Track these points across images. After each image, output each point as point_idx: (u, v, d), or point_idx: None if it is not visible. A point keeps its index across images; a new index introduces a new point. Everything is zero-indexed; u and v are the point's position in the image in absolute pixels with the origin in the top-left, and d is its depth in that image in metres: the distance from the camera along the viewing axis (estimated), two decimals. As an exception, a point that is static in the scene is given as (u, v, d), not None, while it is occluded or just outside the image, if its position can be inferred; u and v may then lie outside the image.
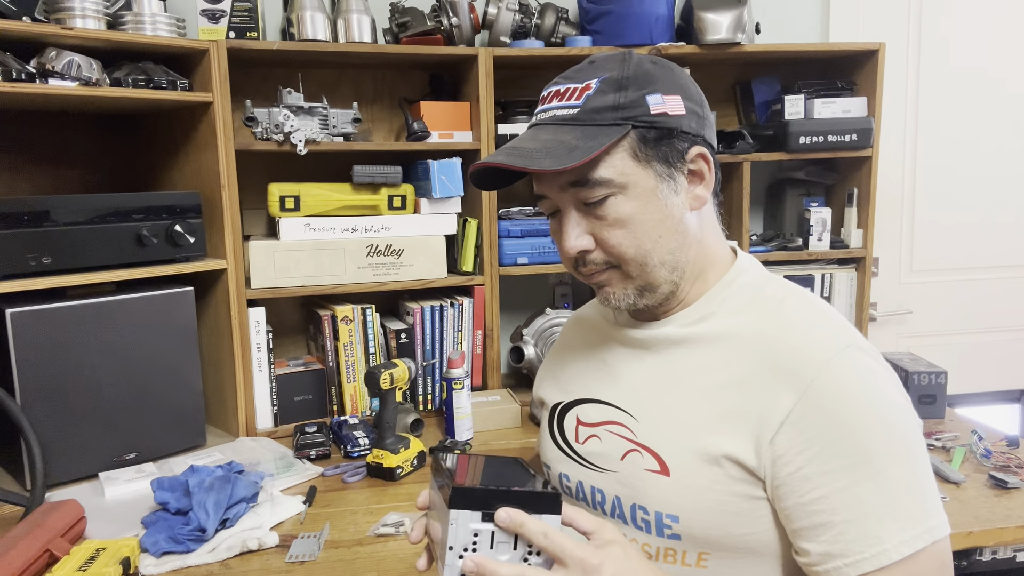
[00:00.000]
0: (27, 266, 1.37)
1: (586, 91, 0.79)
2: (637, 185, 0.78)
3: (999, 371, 2.45)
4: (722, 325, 0.81)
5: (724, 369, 0.78)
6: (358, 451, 1.59)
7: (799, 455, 0.71)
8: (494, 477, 0.67)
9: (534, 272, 1.89)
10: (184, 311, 1.59)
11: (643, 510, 0.80)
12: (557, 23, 1.91)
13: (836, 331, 0.77)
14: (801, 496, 0.71)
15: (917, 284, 2.39)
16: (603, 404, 0.88)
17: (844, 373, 0.72)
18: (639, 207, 0.78)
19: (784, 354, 0.75)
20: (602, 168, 0.77)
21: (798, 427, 0.72)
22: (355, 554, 1.21)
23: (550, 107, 0.82)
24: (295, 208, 1.71)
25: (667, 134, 0.79)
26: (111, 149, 1.83)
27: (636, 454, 0.82)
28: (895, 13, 2.27)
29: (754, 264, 0.87)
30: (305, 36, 1.69)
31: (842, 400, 0.71)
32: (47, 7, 1.47)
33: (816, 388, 0.72)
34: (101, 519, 1.30)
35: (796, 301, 0.81)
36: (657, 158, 0.79)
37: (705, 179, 0.83)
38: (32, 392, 1.39)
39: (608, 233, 0.79)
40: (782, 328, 0.78)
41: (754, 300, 0.82)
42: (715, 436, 0.76)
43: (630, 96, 0.78)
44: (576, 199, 0.79)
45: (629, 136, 0.77)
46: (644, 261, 0.79)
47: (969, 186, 2.37)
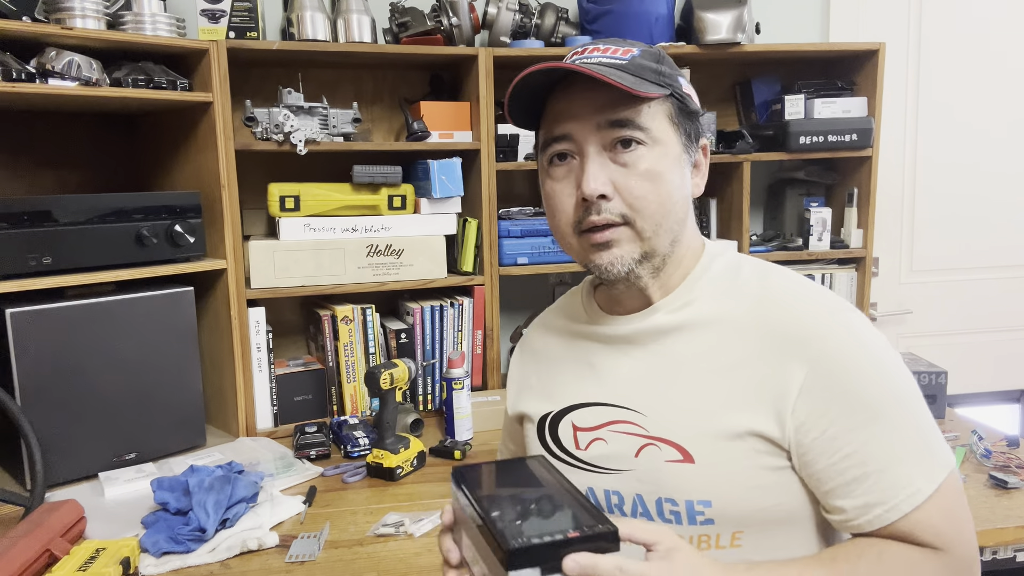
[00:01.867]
0: (27, 266, 1.37)
1: (630, 52, 0.80)
2: (668, 146, 0.79)
3: (999, 371, 2.45)
4: (709, 309, 0.82)
5: (725, 351, 0.79)
6: (358, 451, 1.59)
7: (821, 418, 0.74)
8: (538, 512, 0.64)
9: (534, 272, 1.89)
10: (184, 311, 1.59)
11: (671, 502, 0.79)
12: (557, 23, 1.91)
13: (825, 299, 0.80)
14: (831, 456, 0.74)
15: (917, 284, 2.39)
16: (600, 406, 0.86)
17: (844, 337, 0.77)
18: (667, 166, 0.79)
19: (785, 327, 0.78)
20: (645, 116, 0.78)
21: (814, 394, 0.75)
22: (355, 554, 1.21)
23: (592, 56, 0.80)
24: (295, 208, 1.71)
25: (693, 114, 0.83)
26: (111, 149, 1.83)
27: (652, 448, 0.81)
28: (895, 13, 2.27)
29: (725, 247, 0.89)
30: (305, 36, 1.69)
31: (849, 362, 0.75)
32: (47, 7, 1.47)
33: (823, 355, 0.75)
34: (101, 519, 1.30)
35: (778, 275, 0.84)
36: (684, 131, 0.82)
37: (701, 170, 0.86)
38: (32, 392, 1.39)
39: (635, 183, 0.78)
40: (775, 304, 0.80)
41: (735, 282, 0.83)
42: (734, 415, 0.77)
43: (667, 70, 0.81)
44: (606, 141, 0.78)
45: (669, 100, 0.80)
46: (660, 221, 0.79)
47: (969, 186, 2.37)
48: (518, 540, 0.59)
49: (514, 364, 1.03)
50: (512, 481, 0.72)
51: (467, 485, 0.69)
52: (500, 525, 0.62)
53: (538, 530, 0.61)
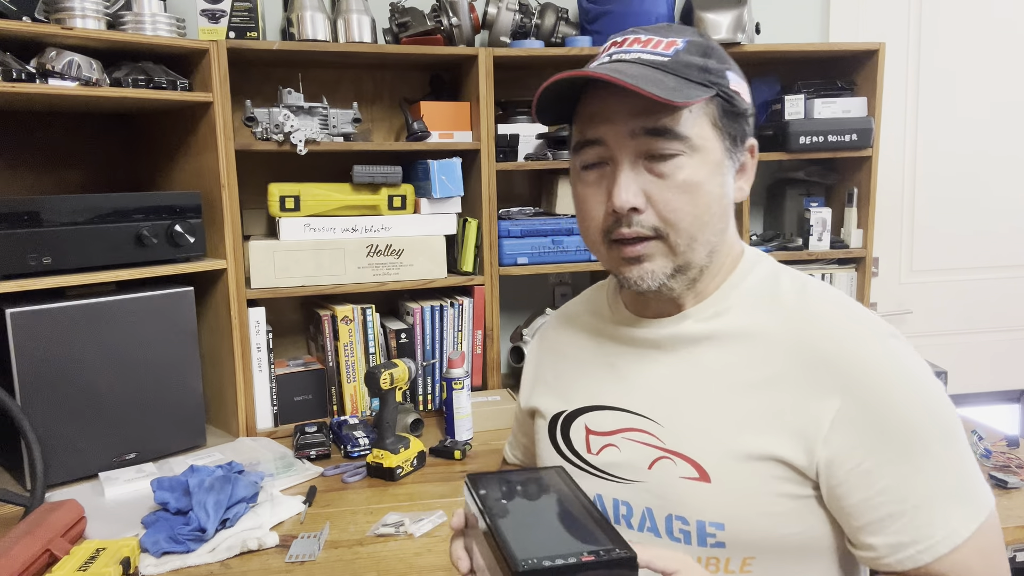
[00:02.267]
0: (27, 266, 1.37)
1: (674, 45, 0.74)
2: (709, 153, 0.73)
3: (999, 371, 2.45)
4: (743, 320, 0.77)
5: (756, 367, 0.74)
6: (358, 451, 1.59)
7: (855, 450, 0.69)
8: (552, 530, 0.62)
9: (534, 272, 1.89)
10: (184, 311, 1.59)
11: (681, 520, 0.75)
12: (557, 23, 1.91)
13: (866, 322, 0.74)
14: (866, 490, 0.69)
15: (917, 284, 2.39)
16: (616, 411, 0.82)
17: (886, 364, 0.71)
18: (706, 176, 0.73)
19: (821, 350, 0.72)
20: (685, 123, 0.71)
21: (850, 425, 0.70)
22: (355, 554, 1.21)
23: (632, 50, 0.74)
24: (295, 208, 1.71)
25: (741, 115, 0.76)
26: (111, 149, 1.83)
27: (667, 462, 0.76)
28: (895, 13, 2.27)
29: (763, 256, 0.83)
30: (305, 36, 1.69)
31: (889, 392, 0.70)
32: (47, 7, 1.47)
33: (862, 383, 0.70)
34: (101, 519, 1.30)
35: (816, 292, 0.78)
36: (729, 135, 0.75)
37: (747, 173, 0.80)
38: (32, 392, 1.39)
39: (671, 195, 0.72)
40: (813, 321, 0.74)
41: (772, 294, 0.78)
42: (757, 437, 0.72)
43: (714, 65, 0.74)
44: (640, 151, 0.72)
45: (714, 101, 0.74)
46: (695, 235, 0.73)
47: (969, 186, 2.37)
48: (528, 561, 0.57)
49: (530, 356, 0.99)
50: (528, 492, 0.69)
51: (480, 492, 0.67)
52: (511, 541, 0.60)
53: (551, 550, 0.58)
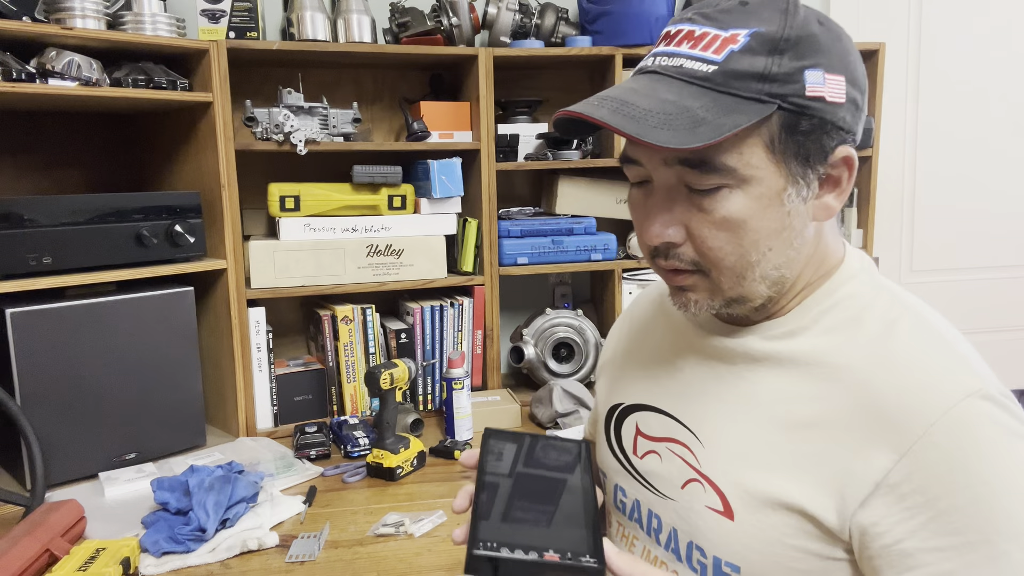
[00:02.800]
0: (27, 266, 1.37)
1: (730, 44, 0.60)
2: (761, 183, 0.61)
3: (999, 371, 2.42)
4: (813, 345, 0.66)
5: (809, 402, 0.65)
6: (358, 451, 1.59)
7: (899, 525, 0.58)
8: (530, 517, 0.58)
9: (534, 272, 1.89)
10: (184, 311, 1.59)
11: (700, 551, 0.69)
12: (557, 23, 1.91)
13: (959, 372, 0.61)
14: (899, 573, 0.58)
15: (917, 284, 2.39)
16: (667, 417, 0.75)
17: (965, 429, 0.58)
18: (756, 210, 0.62)
19: (886, 397, 0.60)
20: (727, 153, 0.60)
21: (898, 492, 0.58)
22: (355, 554, 1.21)
23: (678, 52, 0.62)
24: (295, 208, 1.71)
25: (817, 127, 0.61)
26: (111, 149, 1.83)
27: (698, 485, 0.70)
28: (895, 13, 2.27)
29: (865, 269, 0.71)
30: (305, 36, 1.69)
31: (959, 463, 0.57)
32: (47, 7, 1.47)
33: (925, 446, 0.58)
34: (101, 519, 1.30)
35: (911, 327, 0.64)
36: (796, 155, 0.62)
37: (840, 187, 0.66)
38: (32, 392, 1.39)
39: (708, 232, 0.63)
40: (887, 362, 0.62)
41: (858, 319, 0.66)
42: (789, 482, 0.63)
43: (785, 66, 0.59)
44: (678, 179, 0.63)
45: (771, 120, 0.60)
46: (743, 274, 0.64)
47: (969, 186, 2.37)
48: (487, 544, 0.55)
49: (629, 324, 0.90)
50: (533, 464, 0.65)
51: (485, 453, 0.64)
52: (481, 518, 0.58)
53: (518, 540, 0.55)
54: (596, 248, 1.91)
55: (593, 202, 1.95)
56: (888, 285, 0.70)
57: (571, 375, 1.91)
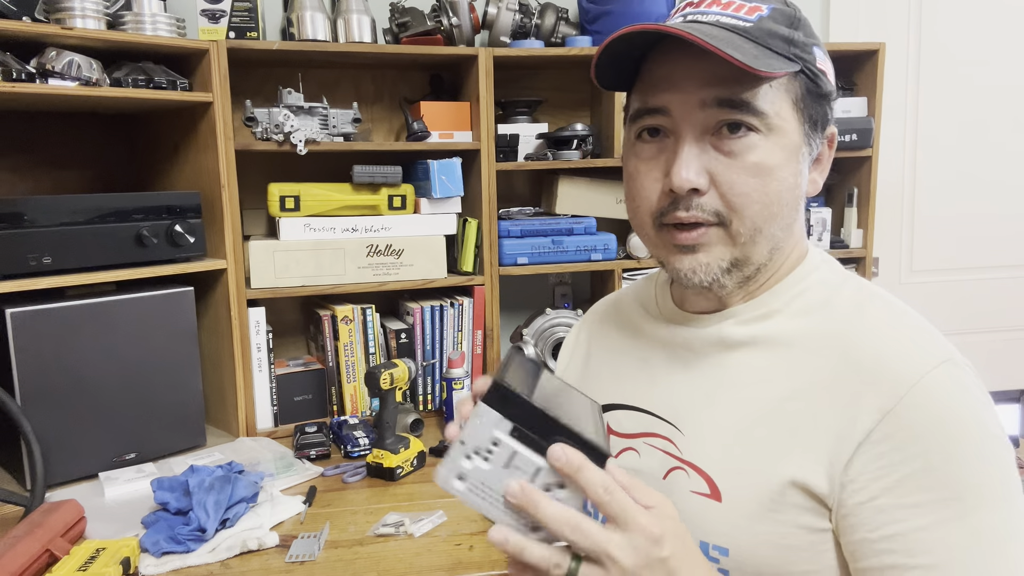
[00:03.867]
0: (27, 266, 1.37)
1: (758, 11, 0.65)
2: (786, 135, 0.65)
3: (999, 371, 2.45)
4: (787, 327, 0.69)
5: (789, 377, 0.66)
6: (358, 451, 1.59)
7: (875, 482, 0.60)
8: (552, 403, 0.57)
9: (534, 272, 1.89)
10: (184, 311, 1.59)
11: None
12: (557, 23, 1.91)
13: (930, 342, 0.64)
14: (872, 530, 0.60)
15: (917, 284, 2.39)
16: (641, 412, 0.76)
17: (941, 392, 0.60)
18: (781, 160, 0.65)
19: (866, 363, 0.63)
20: (764, 97, 0.63)
21: (878, 449, 0.60)
22: (355, 554, 1.21)
23: (710, 11, 0.65)
24: (295, 208, 1.71)
25: (825, 97, 0.68)
26: (111, 149, 1.83)
27: (681, 473, 0.70)
28: (895, 13, 2.27)
29: (828, 260, 0.75)
30: (305, 36, 1.69)
31: (936, 424, 0.59)
32: (47, 7, 1.47)
33: (906, 406, 0.60)
34: (101, 519, 1.30)
35: (880, 306, 0.68)
36: (810, 118, 0.67)
37: (822, 164, 0.71)
38: (32, 392, 1.39)
39: (738, 177, 0.63)
40: (863, 333, 0.65)
41: (828, 301, 0.69)
42: (779, 458, 0.64)
43: (801, 38, 0.65)
44: (709, 124, 0.64)
45: (797, 80, 0.65)
46: (761, 225, 0.65)
47: (969, 186, 2.37)
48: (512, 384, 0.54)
49: (570, 338, 0.92)
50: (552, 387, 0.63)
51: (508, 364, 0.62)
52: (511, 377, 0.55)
53: (542, 402, 0.55)
54: (596, 248, 1.91)
55: (593, 202, 1.95)
56: (852, 275, 0.73)
57: (571, 375, 1.91)
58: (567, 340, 0.93)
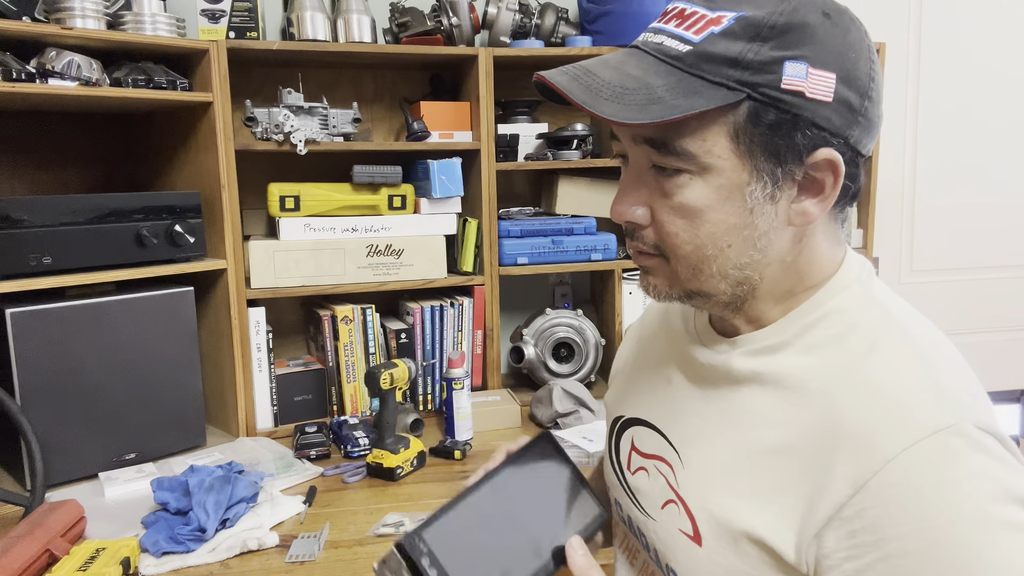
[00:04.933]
0: (27, 266, 1.37)
1: (712, 26, 0.58)
2: (722, 174, 0.60)
3: (999, 371, 2.45)
4: (793, 365, 0.64)
5: (780, 427, 0.62)
6: (358, 451, 1.59)
7: (847, 562, 0.55)
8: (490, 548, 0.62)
9: (534, 272, 1.89)
10: (184, 311, 1.59)
11: (674, 574, 0.69)
12: (557, 23, 1.91)
13: (931, 404, 0.56)
14: None
15: (917, 284, 2.39)
16: (657, 433, 0.74)
17: (925, 468, 0.53)
18: (714, 201, 0.60)
19: (850, 426, 0.57)
20: (688, 137, 0.59)
21: (849, 527, 0.55)
22: (355, 554, 1.21)
23: (664, 29, 0.62)
24: (295, 208, 1.71)
25: (790, 122, 0.58)
26: (111, 149, 1.83)
27: (674, 507, 0.69)
28: (895, 13, 2.27)
29: (861, 281, 0.66)
30: (305, 36, 1.69)
31: (914, 505, 0.53)
32: (47, 7, 1.47)
33: (881, 483, 0.54)
34: (101, 519, 1.30)
35: (892, 348, 0.60)
36: (764, 150, 0.59)
37: (823, 193, 0.61)
38: (32, 392, 1.39)
39: (668, 216, 0.62)
40: (857, 389, 0.59)
41: (842, 336, 0.63)
42: (754, 512, 0.61)
43: (764, 54, 0.57)
44: (647, 159, 0.63)
45: (738, 109, 0.58)
46: (698, 267, 0.63)
47: (969, 186, 2.37)
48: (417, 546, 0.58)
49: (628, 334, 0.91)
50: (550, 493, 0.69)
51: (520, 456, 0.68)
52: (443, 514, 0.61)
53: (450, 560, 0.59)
54: (596, 248, 1.91)
55: (593, 202, 1.95)
56: (881, 299, 0.65)
57: (571, 375, 1.91)
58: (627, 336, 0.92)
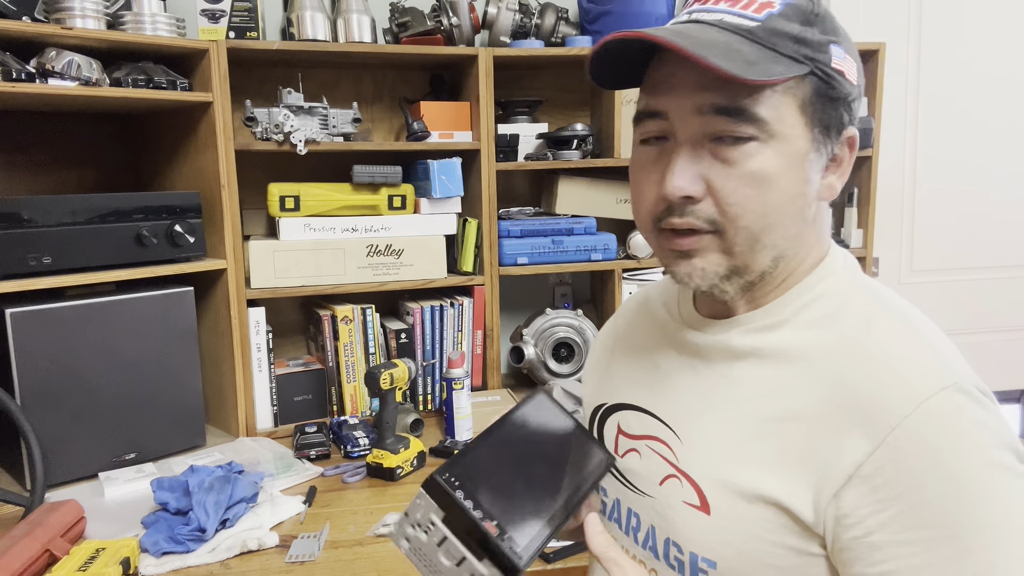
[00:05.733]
0: (27, 266, 1.37)
1: (768, 7, 0.62)
2: (790, 142, 0.62)
3: (999, 371, 2.44)
4: (793, 339, 0.67)
5: (787, 396, 0.64)
6: (358, 451, 1.59)
7: (869, 517, 0.58)
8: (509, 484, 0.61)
9: (534, 272, 1.89)
10: (184, 311, 1.59)
11: (677, 547, 0.69)
12: (557, 23, 1.91)
13: (934, 366, 0.60)
14: (868, 566, 0.58)
15: (917, 284, 2.39)
16: (647, 415, 0.75)
17: (938, 422, 0.57)
18: (782, 169, 0.62)
19: (861, 390, 0.60)
20: (764, 104, 0.60)
21: (871, 483, 0.58)
22: (355, 554, 1.21)
23: (715, 9, 0.63)
24: (295, 208, 1.71)
25: (841, 99, 0.64)
26: (111, 149, 1.83)
27: (675, 481, 0.70)
28: (895, 13, 2.27)
29: (848, 265, 0.71)
30: (305, 36, 1.69)
31: (931, 457, 0.57)
32: (47, 7, 1.47)
33: (898, 438, 0.57)
34: (101, 519, 1.30)
35: (890, 323, 0.64)
36: (820, 122, 0.64)
37: (842, 167, 0.68)
38: (32, 392, 1.39)
39: (734, 186, 0.62)
40: (863, 355, 0.62)
41: (836, 314, 0.66)
42: (766, 476, 0.63)
43: (816, 36, 0.62)
44: (707, 130, 0.62)
45: (806, 81, 0.62)
46: (758, 237, 0.63)
47: (969, 186, 2.37)
48: (449, 479, 0.59)
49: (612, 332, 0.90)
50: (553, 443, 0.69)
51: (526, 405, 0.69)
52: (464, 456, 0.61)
53: (476, 491, 0.59)
54: (596, 248, 1.91)
55: (593, 202, 1.95)
56: (869, 283, 0.70)
57: (571, 375, 1.91)
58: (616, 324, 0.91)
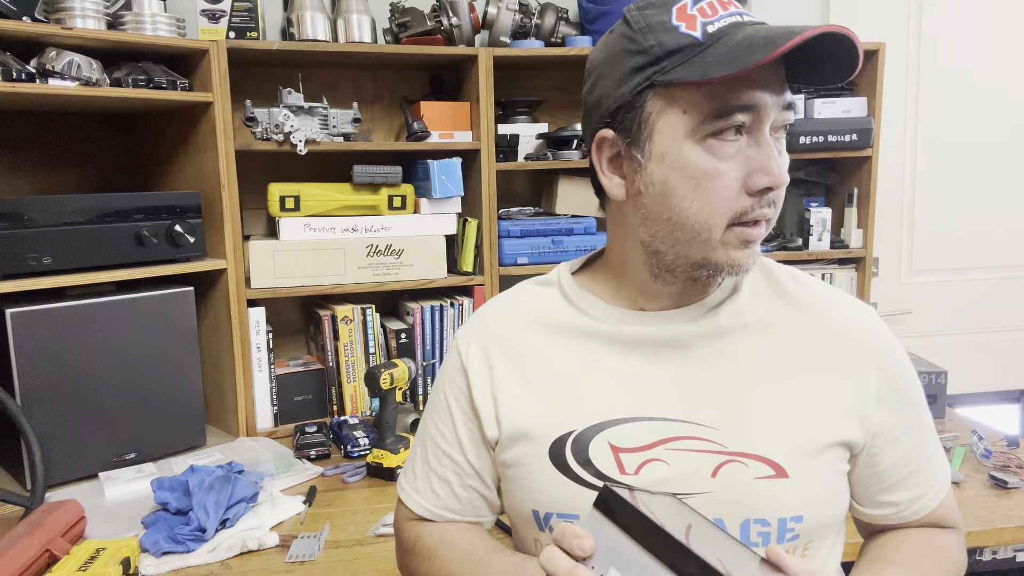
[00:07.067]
0: (27, 266, 1.37)
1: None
2: None
3: (999, 371, 2.44)
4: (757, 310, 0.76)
5: (790, 355, 0.74)
6: (358, 451, 1.59)
7: (891, 420, 0.75)
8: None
9: (534, 272, 1.89)
10: (184, 311, 1.59)
11: (761, 522, 0.70)
12: (557, 23, 1.91)
13: (851, 296, 0.80)
14: (894, 454, 0.75)
15: (917, 284, 2.39)
16: (648, 421, 0.72)
17: (888, 334, 0.78)
18: None
19: (845, 332, 0.75)
20: None
21: (887, 397, 0.74)
22: (355, 554, 1.21)
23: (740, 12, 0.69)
24: (295, 208, 1.71)
25: None
26: (111, 149, 1.83)
27: (736, 465, 0.70)
28: (895, 13, 2.26)
29: None
30: (305, 36, 1.69)
31: (899, 360, 0.77)
32: (47, 7, 1.47)
33: (884, 357, 0.75)
34: (101, 519, 1.30)
35: (808, 280, 0.80)
36: None
37: None
38: (32, 392, 1.39)
39: (784, 171, 0.68)
40: (829, 308, 0.77)
41: (774, 284, 0.78)
42: (821, 424, 0.72)
43: None
44: (776, 123, 0.68)
45: None
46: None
47: (969, 186, 2.37)
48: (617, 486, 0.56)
49: (475, 361, 0.80)
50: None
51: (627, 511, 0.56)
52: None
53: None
54: (596, 248, 1.90)
55: (593, 202, 1.92)
56: (765, 258, 0.82)
57: (571, 375, 1.91)
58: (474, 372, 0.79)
